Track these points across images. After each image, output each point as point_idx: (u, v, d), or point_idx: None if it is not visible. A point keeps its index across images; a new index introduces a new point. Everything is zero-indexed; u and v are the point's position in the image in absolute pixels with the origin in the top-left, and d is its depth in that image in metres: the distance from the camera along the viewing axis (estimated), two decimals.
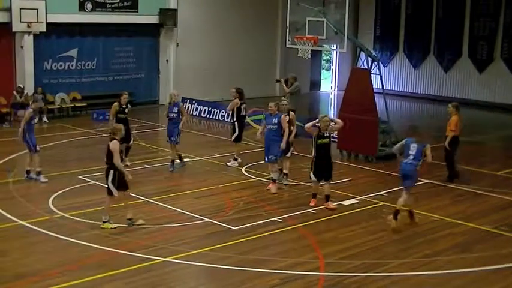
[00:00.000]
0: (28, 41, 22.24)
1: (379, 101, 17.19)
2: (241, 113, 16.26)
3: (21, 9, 21.59)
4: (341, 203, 13.20)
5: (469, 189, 14.43)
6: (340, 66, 32.38)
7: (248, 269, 9.76)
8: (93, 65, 24.51)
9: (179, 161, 15.80)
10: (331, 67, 33.53)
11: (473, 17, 28.18)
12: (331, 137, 13.26)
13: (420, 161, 11.66)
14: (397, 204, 11.72)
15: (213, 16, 27.12)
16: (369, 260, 10.27)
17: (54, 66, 23.51)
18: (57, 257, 10.09)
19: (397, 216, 11.60)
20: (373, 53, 22.79)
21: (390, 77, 30.67)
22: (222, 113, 22.47)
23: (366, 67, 17.67)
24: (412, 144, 11.76)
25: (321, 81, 33.44)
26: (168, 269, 9.86)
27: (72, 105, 23.40)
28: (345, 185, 14.50)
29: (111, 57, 24.96)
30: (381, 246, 10.96)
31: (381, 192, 14.08)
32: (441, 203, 13.22)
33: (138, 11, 24.95)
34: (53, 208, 12.42)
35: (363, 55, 19.03)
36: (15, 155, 16.42)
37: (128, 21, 24.77)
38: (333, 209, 12.76)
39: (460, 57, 28.88)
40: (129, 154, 15.71)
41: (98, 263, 9.93)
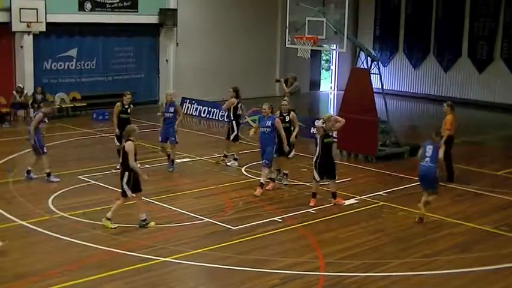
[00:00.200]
0: (28, 41, 22.25)
1: (378, 101, 17.19)
2: (238, 112, 16.29)
3: (20, 9, 21.60)
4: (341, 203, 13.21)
5: (469, 189, 14.43)
6: (340, 66, 32.38)
7: (248, 269, 9.76)
8: (93, 65, 24.51)
9: (171, 163, 15.69)
10: (331, 67, 33.53)
11: (473, 17, 28.18)
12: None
13: (436, 161, 11.91)
14: (419, 210, 12.07)
15: (213, 16, 27.12)
16: (369, 260, 10.27)
17: (54, 66, 23.52)
18: (57, 257, 10.09)
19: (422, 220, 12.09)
20: (373, 52, 22.77)
21: (390, 77, 30.67)
22: (222, 113, 22.42)
23: (366, 67, 17.66)
24: (427, 146, 12.02)
25: (321, 81, 33.44)
26: (168, 269, 9.86)
27: (72, 105, 23.39)
28: (345, 185, 14.49)
29: (111, 57, 24.96)
30: (380, 246, 10.97)
31: (380, 192, 14.08)
32: (441, 203, 13.21)
33: (137, 11, 24.95)
34: (53, 208, 12.42)
35: (362, 55, 19.03)
36: (15, 155, 16.43)
37: (128, 21, 24.76)
38: (342, 203, 12.97)
39: (460, 57, 28.88)
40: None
41: (98, 263, 9.92)
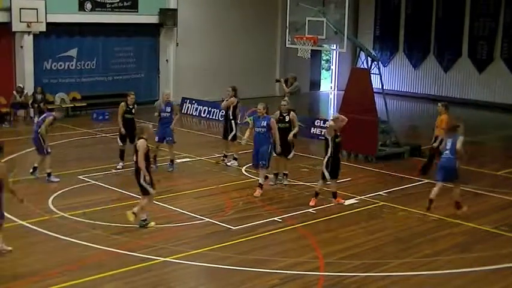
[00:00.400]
0: (28, 41, 22.25)
1: (378, 101, 17.20)
2: (237, 111, 16.29)
3: (21, 9, 21.60)
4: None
5: (469, 189, 14.43)
6: (340, 66, 32.38)
7: (248, 269, 9.76)
8: (93, 65, 24.51)
9: (169, 163, 15.70)
10: (331, 67, 33.53)
11: (473, 17, 28.19)
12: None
13: (455, 153, 12.37)
14: (431, 195, 12.60)
15: (213, 16, 27.12)
16: (369, 260, 10.27)
17: (54, 66, 23.52)
18: (57, 257, 10.09)
19: (430, 205, 12.65)
20: (373, 52, 22.78)
21: (390, 77, 30.68)
22: (222, 113, 22.39)
23: (366, 67, 17.67)
24: (448, 139, 12.56)
25: (321, 81, 33.44)
26: (168, 269, 9.86)
27: (72, 105, 23.40)
28: (345, 184, 14.48)
29: (111, 57, 24.96)
30: (380, 246, 10.97)
31: (380, 192, 14.09)
32: (441, 203, 13.22)
33: (138, 11, 24.95)
34: (53, 208, 12.43)
35: (362, 55, 19.03)
36: (15, 155, 16.42)
37: (128, 21, 24.77)
38: (342, 203, 13.01)
39: (460, 57, 28.90)
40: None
41: (98, 263, 9.92)
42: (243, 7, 27.85)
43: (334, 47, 22.57)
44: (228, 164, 16.18)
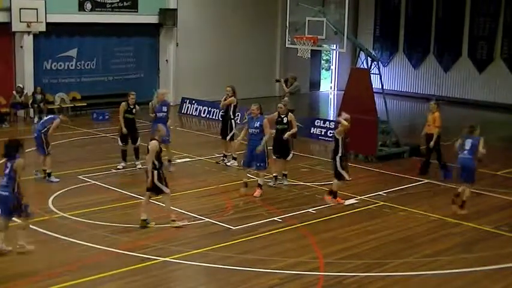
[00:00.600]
0: (28, 41, 22.24)
1: (378, 101, 17.19)
2: (236, 111, 16.30)
3: (20, 9, 21.60)
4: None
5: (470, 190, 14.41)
6: (340, 66, 32.36)
7: (248, 269, 9.76)
8: (93, 65, 24.50)
9: (168, 163, 15.65)
10: (331, 67, 33.51)
11: (473, 16, 28.18)
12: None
13: (474, 154, 12.49)
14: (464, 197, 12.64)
15: (213, 16, 27.11)
16: (369, 259, 10.27)
17: (54, 66, 23.51)
18: (57, 257, 10.09)
19: (460, 203, 12.75)
20: (373, 52, 22.79)
21: (390, 76, 30.66)
22: (222, 112, 22.39)
23: (366, 67, 17.67)
24: (467, 140, 12.64)
25: (321, 81, 33.43)
26: (168, 269, 9.86)
27: (72, 105, 23.39)
28: (345, 184, 14.45)
29: (111, 57, 24.95)
30: (380, 246, 10.97)
31: (380, 192, 14.09)
32: (441, 203, 13.22)
33: (137, 11, 24.94)
34: (53, 208, 12.43)
35: (362, 55, 19.03)
36: None
37: (128, 21, 24.75)
38: (342, 203, 13.04)
39: (460, 57, 28.88)
40: (139, 156, 15.47)
41: (98, 263, 9.92)
42: (243, 7, 27.84)
43: (334, 47, 22.56)
44: (227, 164, 16.18)
